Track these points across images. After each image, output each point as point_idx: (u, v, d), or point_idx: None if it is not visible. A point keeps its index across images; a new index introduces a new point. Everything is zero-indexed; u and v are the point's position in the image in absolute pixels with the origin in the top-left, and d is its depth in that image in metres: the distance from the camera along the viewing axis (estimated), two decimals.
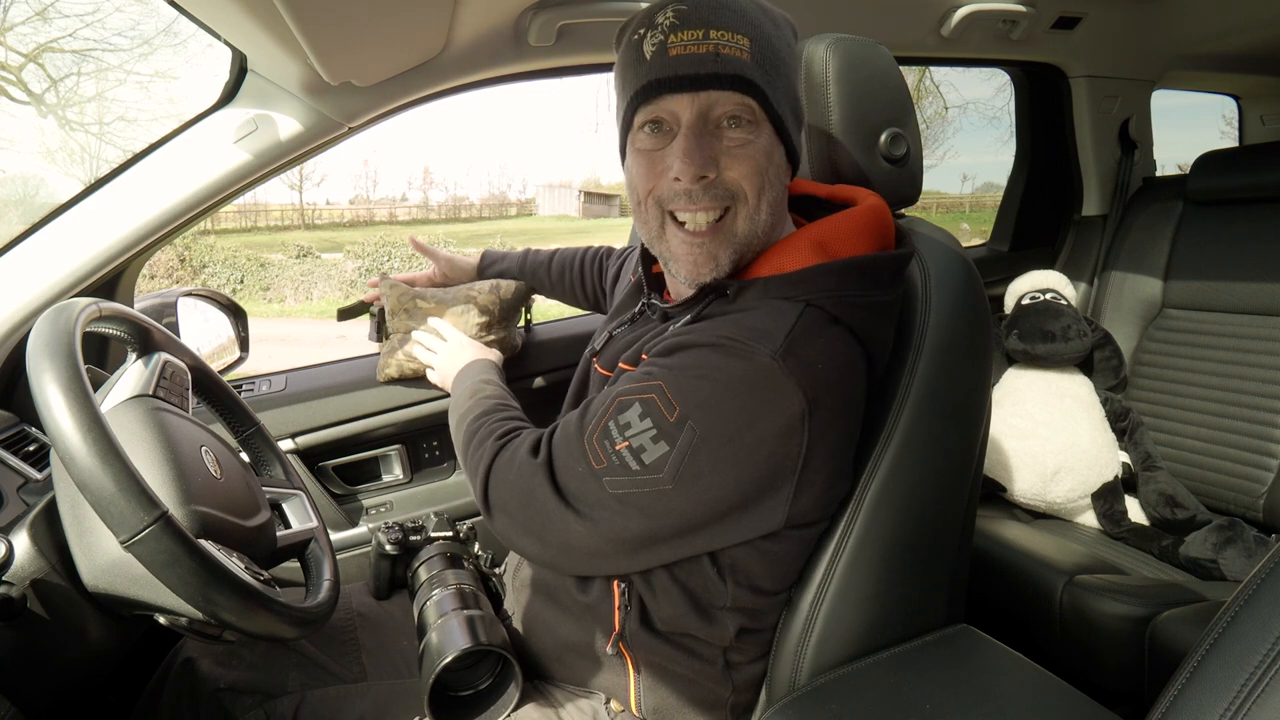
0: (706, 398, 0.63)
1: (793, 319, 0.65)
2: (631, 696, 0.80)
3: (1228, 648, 0.46)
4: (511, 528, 0.73)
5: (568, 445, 0.70)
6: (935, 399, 0.75)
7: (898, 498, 0.74)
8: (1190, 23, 1.75)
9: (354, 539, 1.37)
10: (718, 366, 0.64)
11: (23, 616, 0.69)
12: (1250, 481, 1.44)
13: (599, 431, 0.67)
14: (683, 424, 0.63)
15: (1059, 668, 0.74)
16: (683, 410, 0.63)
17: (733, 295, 0.70)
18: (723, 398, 0.63)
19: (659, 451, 0.64)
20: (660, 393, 0.65)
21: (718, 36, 0.64)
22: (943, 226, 0.87)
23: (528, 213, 28.63)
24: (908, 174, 0.87)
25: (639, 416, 0.65)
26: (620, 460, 0.65)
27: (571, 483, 0.68)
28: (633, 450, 0.65)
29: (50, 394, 0.60)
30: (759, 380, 0.63)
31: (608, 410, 0.68)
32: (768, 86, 0.67)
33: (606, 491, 0.66)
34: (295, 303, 12.61)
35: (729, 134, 0.67)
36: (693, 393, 0.64)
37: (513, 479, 0.72)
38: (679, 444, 0.63)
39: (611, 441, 0.66)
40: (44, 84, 12.41)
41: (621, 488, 0.66)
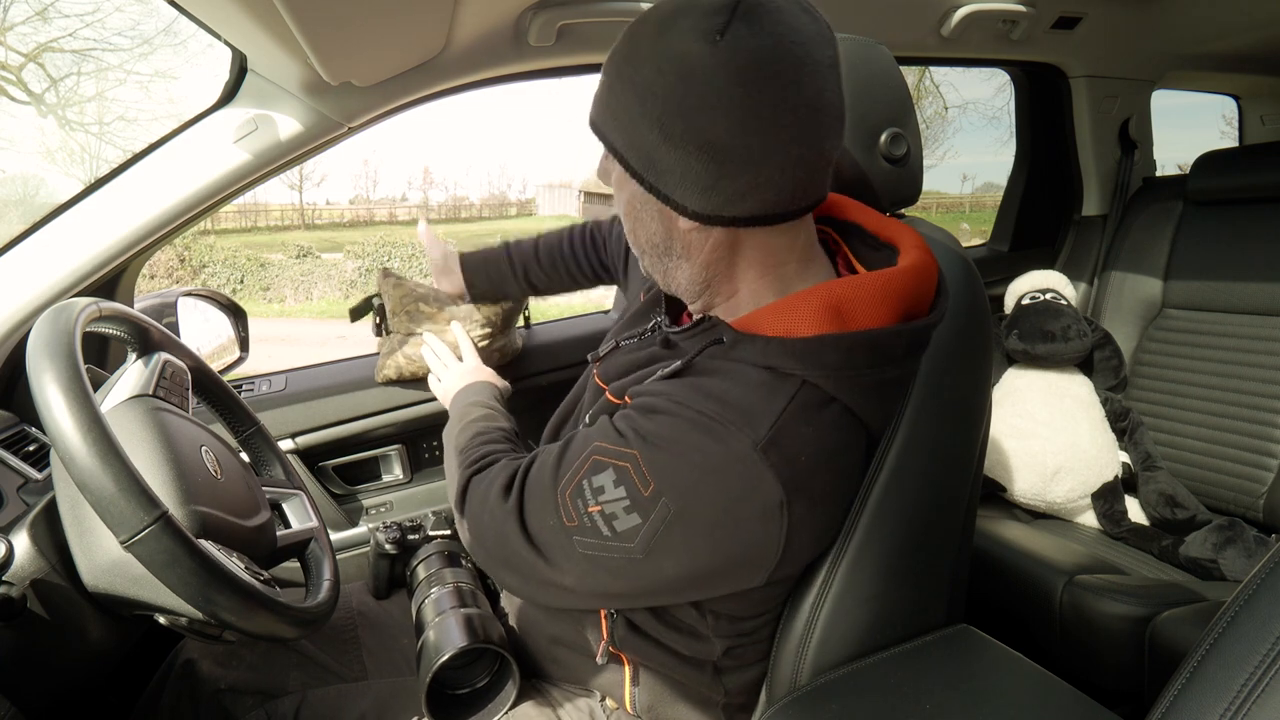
0: (681, 479, 0.61)
1: (784, 402, 0.61)
2: (626, 695, 0.80)
3: (1228, 648, 0.46)
4: (488, 562, 0.73)
5: (541, 495, 0.68)
6: (935, 399, 0.75)
7: (898, 498, 0.74)
8: (1190, 23, 1.75)
9: (354, 539, 1.38)
10: (695, 447, 0.61)
11: (23, 616, 0.69)
12: (1250, 481, 1.44)
13: (572, 488, 0.65)
14: (656, 500, 0.61)
15: (1059, 668, 0.74)
16: (656, 487, 0.61)
17: (729, 344, 0.65)
18: (698, 481, 0.60)
19: (631, 522, 0.62)
20: (635, 463, 0.62)
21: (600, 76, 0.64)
22: (943, 226, 0.87)
23: (528, 213, 28.61)
24: (908, 174, 0.87)
25: (613, 483, 0.63)
26: (592, 523, 0.64)
27: (543, 534, 0.67)
28: (604, 516, 0.63)
29: (50, 394, 0.60)
30: (735, 468, 0.60)
31: (583, 466, 0.65)
32: (602, 122, 0.64)
33: (577, 550, 0.65)
34: (295, 303, 12.61)
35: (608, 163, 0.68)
36: (667, 472, 0.61)
37: (486, 519, 0.72)
38: (651, 519, 0.61)
39: (585, 502, 0.64)
40: (44, 84, 12.42)
41: (592, 549, 0.64)
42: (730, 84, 0.55)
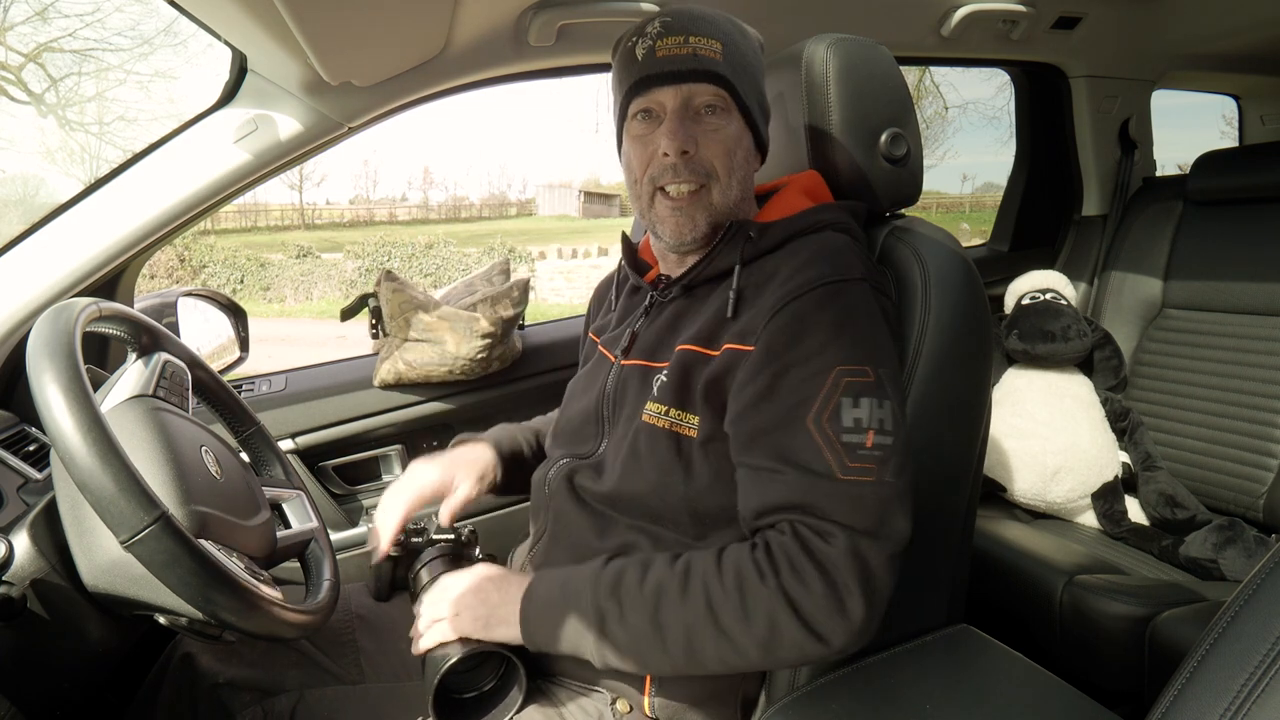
0: (866, 340, 0.71)
1: (845, 247, 0.77)
2: (645, 690, 0.79)
3: (1228, 648, 0.46)
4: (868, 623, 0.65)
5: (838, 495, 0.66)
6: (935, 399, 0.75)
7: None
8: (1190, 23, 1.75)
9: (354, 539, 1.38)
10: (849, 313, 0.72)
11: (23, 616, 0.69)
12: (1250, 481, 1.44)
13: (844, 454, 0.67)
14: (877, 374, 0.69)
15: (1059, 668, 0.74)
16: (869, 365, 0.69)
17: (757, 236, 0.80)
18: (870, 331, 0.72)
19: (889, 410, 0.69)
20: (843, 371, 0.69)
21: (696, 41, 0.78)
22: (943, 226, 0.87)
23: (528, 213, 28.62)
24: (908, 174, 0.87)
25: (853, 405, 0.68)
26: (882, 450, 0.67)
27: (879, 512, 0.66)
28: (880, 431, 0.68)
29: (50, 394, 0.60)
30: (874, 304, 0.74)
31: (827, 438, 0.67)
32: (737, 82, 0.79)
33: (898, 484, 0.67)
34: (295, 303, 12.61)
35: (706, 120, 0.79)
36: (858, 345, 0.70)
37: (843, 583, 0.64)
38: (890, 391, 0.70)
39: (862, 447, 0.67)
40: (44, 84, 12.43)
41: (903, 466, 0.68)
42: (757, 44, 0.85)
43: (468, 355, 1.34)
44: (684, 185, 0.79)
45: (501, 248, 14.52)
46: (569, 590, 0.73)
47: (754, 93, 0.82)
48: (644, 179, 0.82)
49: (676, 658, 0.68)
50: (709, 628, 0.66)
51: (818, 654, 0.66)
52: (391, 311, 1.36)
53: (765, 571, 0.66)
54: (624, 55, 0.82)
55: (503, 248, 14.53)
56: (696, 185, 0.80)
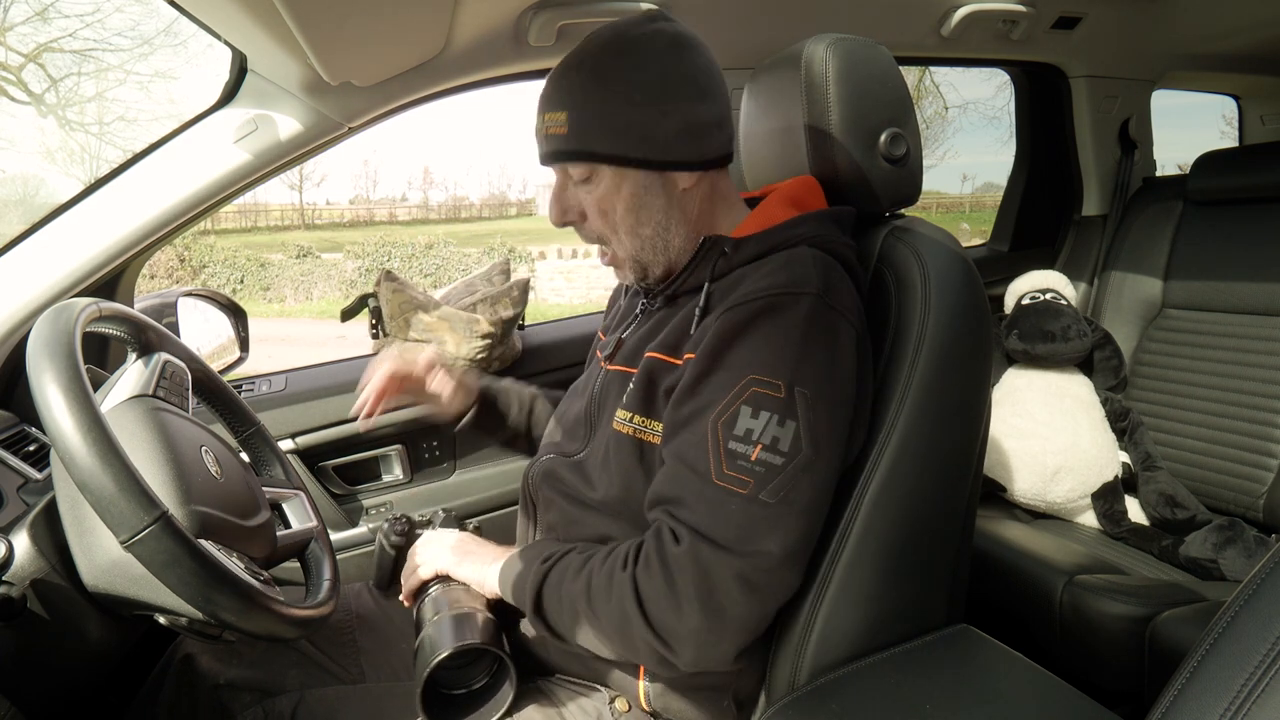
0: (795, 358, 0.67)
1: (809, 260, 0.72)
2: (640, 685, 0.80)
3: (1228, 648, 0.46)
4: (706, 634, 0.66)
5: (702, 502, 0.67)
6: (935, 399, 0.75)
7: (897, 497, 0.74)
8: (1190, 23, 1.75)
9: (354, 539, 1.38)
10: (783, 327, 0.68)
11: (23, 616, 0.69)
12: (1250, 481, 1.44)
13: (724, 461, 0.66)
14: (791, 393, 0.66)
15: (1059, 668, 0.74)
16: (785, 381, 0.67)
17: (731, 251, 0.78)
18: (806, 350, 0.68)
19: (790, 432, 0.66)
20: (756, 382, 0.67)
21: (548, 119, 0.77)
22: (943, 226, 0.87)
23: (528, 213, 28.60)
24: (907, 174, 0.87)
25: (752, 416, 0.66)
26: (765, 466, 0.66)
27: (734, 524, 0.65)
28: (769, 448, 0.66)
29: (50, 394, 0.60)
30: (822, 321, 0.69)
31: (716, 441, 0.67)
32: (585, 144, 0.75)
33: (770, 505, 0.65)
34: (295, 303, 12.61)
35: (580, 189, 0.80)
36: (779, 360, 0.67)
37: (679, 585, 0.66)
38: (800, 414, 0.66)
39: (744, 458, 0.66)
40: (44, 84, 12.43)
41: (781, 490, 0.66)
42: (671, 45, 0.75)
43: (467, 355, 1.34)
44: (596, 250, 0.84)
45: (501, 248, 14.51)
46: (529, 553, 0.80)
47: (613, 132, 0.74)
48: None
49: (567, 628, 0.74)
50: (584, 605, 0.71)
51: (667, 658, 0.69)
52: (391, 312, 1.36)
53: (629, 560, 0.70)
54: None
55: (503, 248, 14.52)
56: (600, 249, 0.83)
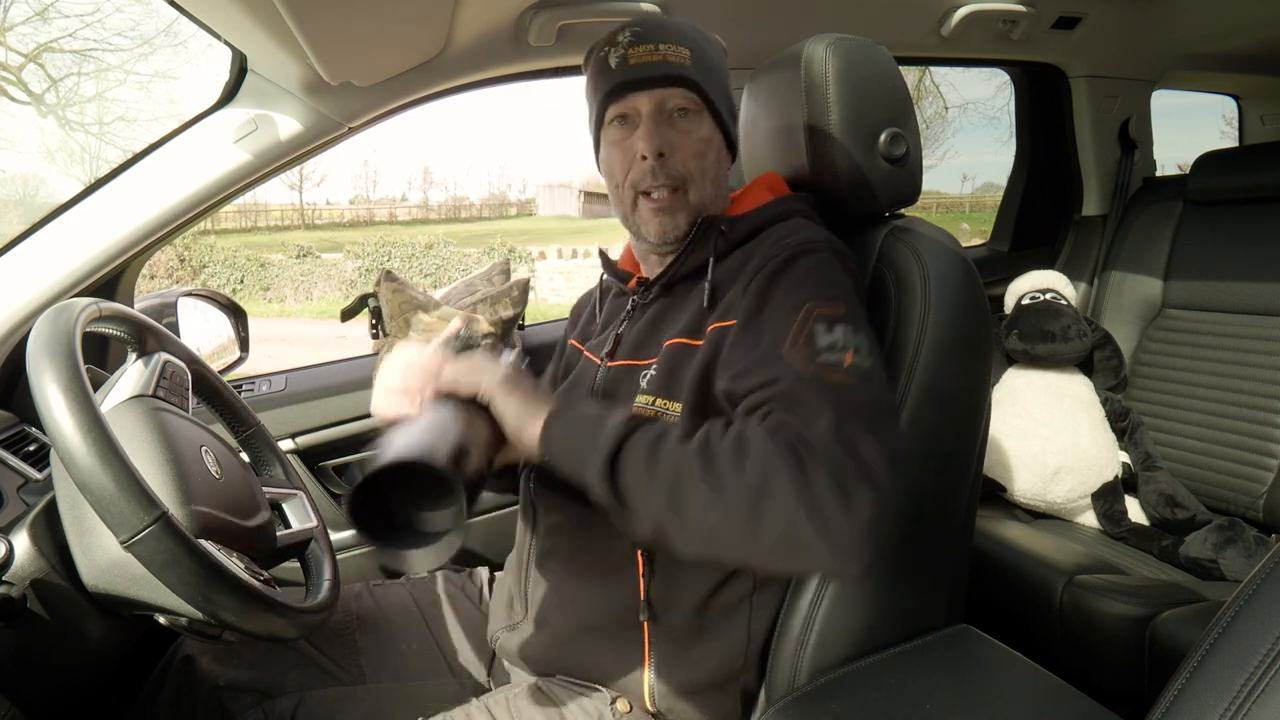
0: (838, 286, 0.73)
1: (814, 225, 0.81)
2: (645, 682, 0.79)
3: (1228, 648, 0.46)
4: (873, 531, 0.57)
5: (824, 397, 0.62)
6: (935, 398, 0.75)
7: (898, 496, 0.74)
8: (1190, 23, 1.75)
9: (354, 539, 1.38)
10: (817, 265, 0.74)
11: (23, 616, 0.69)
12: (1250, 481, 1.44)
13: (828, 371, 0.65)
14: (849, 309, 0.71)
15: (1059, 668, 0.74)
16: (841, 301, 0.71)
17: (728, 229, 0.83)
18: (841, 280, 0.74)
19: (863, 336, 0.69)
20: (818, 305, 0.70)
21: (666, 49, 0.81)
22: (943, 226, 0.87)
23: (528, 213, 28.60)
24: (907, 174, 0.87)
25: (827, 331, 0.68)
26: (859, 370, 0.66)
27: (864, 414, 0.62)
28: (858, 353, 0.67)
29: (50, 394, 0.61)
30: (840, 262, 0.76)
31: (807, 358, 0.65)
32: (707, 85, 0.83)
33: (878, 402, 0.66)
34: (295, 303, 12.61)
35: (679, 123, 0.83)
36: (827, 287, 0.72)
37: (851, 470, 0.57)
38: (860, 323, 0.70)
39: (840, 365, 0.66)
40: (44, 84, 12.42)
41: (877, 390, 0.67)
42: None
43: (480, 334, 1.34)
44: (663, 188, 0.83)
45: (501, 248, 14.51)
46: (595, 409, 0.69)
47: (722, 95, 0.85)
48: (625, 185, 0.85)
49: (656, 496, 0.61)
50: (699, 468, 0.60)
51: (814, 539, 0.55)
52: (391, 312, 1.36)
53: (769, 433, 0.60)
54: (597, 64, 0.85)
55: (503, 248, 14.52)
56: (674, 187, 0.83)
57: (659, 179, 0.82)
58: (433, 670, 0.94)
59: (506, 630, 0.89)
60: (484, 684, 0.96)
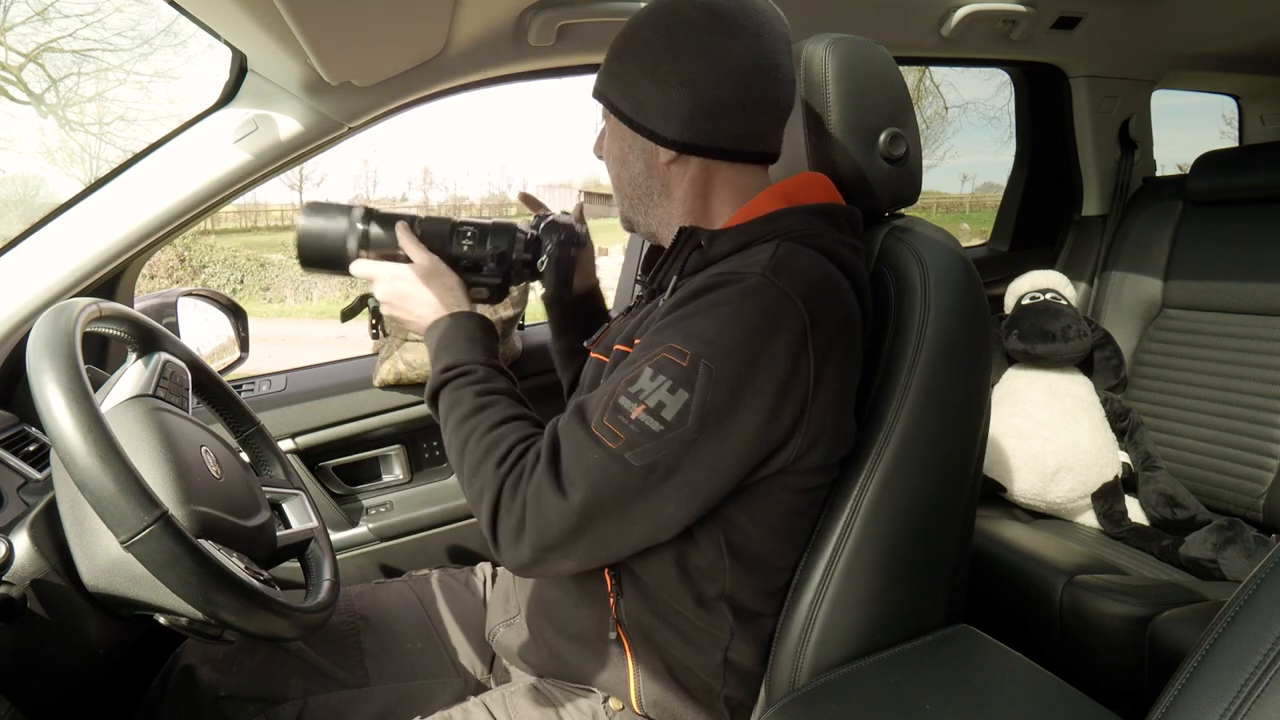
0: (714, 333, 0.64)
1: (772, 250, 0.69)
2: (631, 688, 0.79)
3: (1228, 648, 0.46)
4: (531, 561, 0.68)
5: (572, 440, 0.67)
6: (935, 399, 0.75)
7: (897, 497, 0.74)
8: (1190, 23, 1.75)
9: (354, 539, 1.38)
10: (715, 302, 0.66)
11: (23, 616, 0.69)
12: (1250, 481, 1.44)
13: (608, 412, 0.65)
14: (696, 366, 0.63)
15: (1059, 668, 0.74)
16: (693, 353, 0.63)
17: (707, 244, 0.75)
18: (729, 327, 0.64)
19: (679, 403, 0.63)
20: (669, 349, 0.65)
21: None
22: (943, 226, 0.87)
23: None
24: (907, 174, 0.87)
25: (650, 378, 0.65)
26: (640, 427, 0.63)
27: (594, 478, 0.65)
28: (651, 411, 0.63)
29: (50, 394, 0.61)
30: (757, 300, 0.64)
31: (614, 390, 0.66)
32: (608, 91, 0.79)
33: (635, 465, 0.63)
34: (295, 303, 12.61)
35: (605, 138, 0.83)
36: (698, 334, 0.64)
37: (527, 518, 0.67)
38: (698, 388, 0.63)
39: (626, 414, 0.64)
40: (44, 84, 12.41)
41: (648, 456, 0.63)
42: (707, 31, 0.72)
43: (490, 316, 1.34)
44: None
45: None
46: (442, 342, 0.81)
47: (632, 90, 0.76)
48: None
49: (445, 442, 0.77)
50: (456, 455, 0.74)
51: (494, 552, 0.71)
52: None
53: (506, 460, 0.70)
54: None
55: None
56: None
57: None
58: (437, 669, 0.94)
59: (504, 626, 0.89)
60: (485, 682, 0.96)
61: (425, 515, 1.41)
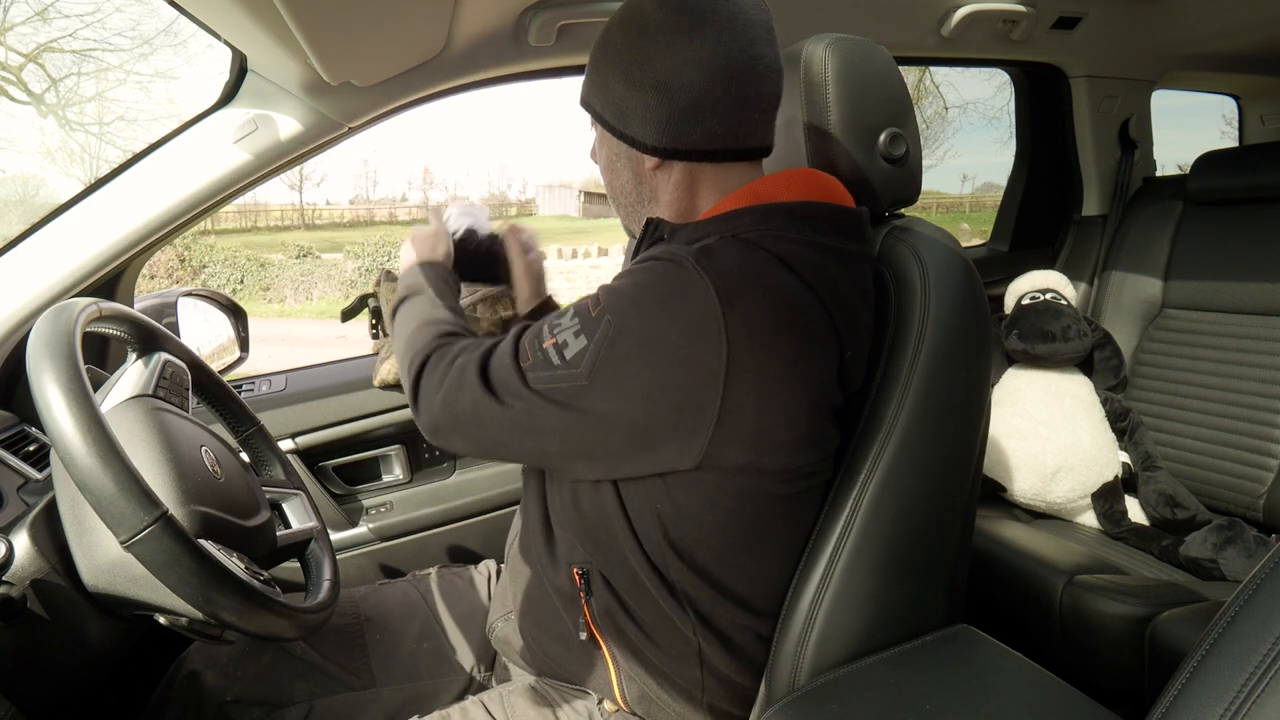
0: (626, 295, 0.67)
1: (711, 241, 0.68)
2: (615, 689, 0.79)
3: (1228, 648, 0.46)
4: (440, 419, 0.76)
5: (504, 346, 0.74)
6: (935, 399, 0.75)
7: (897, 497, 0.74)
8: (1190, 23, 1.75)
9: (354, 539, 1.38)
10: (642, 271, 0.68)
11: (23, 616, 0.69)
12: (1250, 481, 1.44)
13: (531, 335, 0.72)
14: (601, 318, 0.66)
15: (1059, 668, 0.74)
16: (604, 306, 0.67)
17: (669, 237, 0.75)
18: (641, 296, 0.66)
19: (579, 346, 0.66)
20: (591, 298, 0.70)
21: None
22: (943, 226, 0.87)
23: (528, 213, 28.61)
24: (907, 174, 0.87)
25: (569, 318, 0.69)
26: (544, 357, 0.69)
27: (500, 375, 0.71)
28: (557, 347, 0.68)
29: (50, 394, 0.61)
30: (674, 278, 0.65)
31: (545, 320, 0.72)
32: (591, 98, 0.79)
33: (529, 386, 0.69)
34: (295, 303, 12.62)
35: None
36: (614, 291, 0.68)
37: (446, 378, 0.75)
38: (596, 337, 0.66)
39: (540, 340, 0.70)
40: (44, 84, 12.42)
41: (542, 383, 0.68)
42: (675, 31, 0.69)
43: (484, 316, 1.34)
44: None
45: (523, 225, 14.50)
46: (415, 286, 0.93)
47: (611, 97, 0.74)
48: None
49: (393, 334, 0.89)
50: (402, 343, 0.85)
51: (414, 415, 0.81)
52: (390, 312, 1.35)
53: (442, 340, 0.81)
54: None
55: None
56: None
57: None
58: (443, 669, 0.94)
59: (502, 621, 0.89)
60: (486, 681, 0.96)
61: (425, 515, 1.41)
